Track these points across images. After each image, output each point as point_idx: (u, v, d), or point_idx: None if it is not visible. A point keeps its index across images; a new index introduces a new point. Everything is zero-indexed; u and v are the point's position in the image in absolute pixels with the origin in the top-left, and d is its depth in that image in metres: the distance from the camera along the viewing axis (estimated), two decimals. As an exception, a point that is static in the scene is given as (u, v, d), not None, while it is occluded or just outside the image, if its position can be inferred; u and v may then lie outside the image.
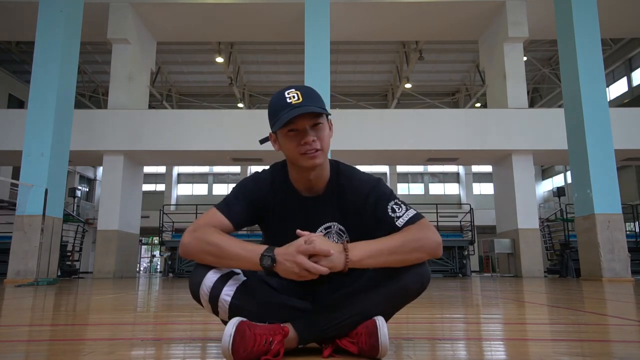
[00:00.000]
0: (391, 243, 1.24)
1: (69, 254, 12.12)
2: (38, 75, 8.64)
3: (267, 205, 1.40)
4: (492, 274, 12.82)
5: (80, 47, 9.56)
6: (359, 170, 1.44)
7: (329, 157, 1.46)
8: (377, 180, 1.40)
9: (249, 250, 1.22)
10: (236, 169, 27.39)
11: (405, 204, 1.35)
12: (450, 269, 12.05)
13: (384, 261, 1.23)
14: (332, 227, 1.41)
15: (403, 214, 1.31)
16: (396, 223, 1.30)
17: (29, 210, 7.89)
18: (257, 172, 1.45)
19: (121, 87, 12.03)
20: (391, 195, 1.36)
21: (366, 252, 1.22)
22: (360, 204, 1.37)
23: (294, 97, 1.28)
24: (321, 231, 1.40)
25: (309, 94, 1.31)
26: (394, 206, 1.33)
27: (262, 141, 1.42)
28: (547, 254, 12.69)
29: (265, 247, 1.22)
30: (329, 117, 1.38)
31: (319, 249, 1.17)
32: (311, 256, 1.18)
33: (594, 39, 8.93)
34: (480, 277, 11.83)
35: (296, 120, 1.27)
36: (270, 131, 1.36)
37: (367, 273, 1.35)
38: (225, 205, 1.37)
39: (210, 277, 1.26)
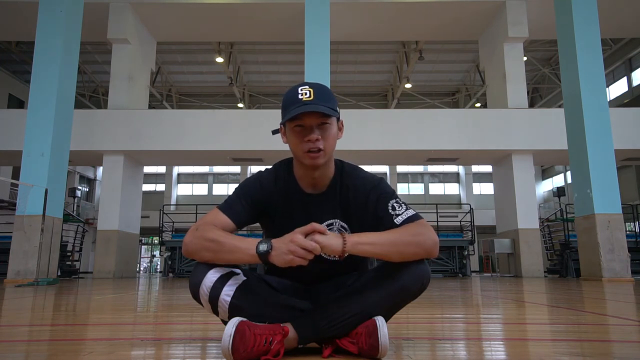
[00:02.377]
0: (389, 235, 1.27)
1: (69, 254, 12.11)
2: (38, 75, 8.64)
3: (269, 203, 1.42)
4: (492, 274, 12.81)
5: (80, 47, 9.56)
6: (362, 170, 1.47)
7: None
8: (379, 180, 1.43)
9: (246, 241, 1.24)
10: (236, 169, 27.38)
11: (405, 204, 1.37)
12: (450, 269, 12.05)
13: (380, 251, 1.24)
14: (334, 224, 1.43)
15: (402, 213, 1.33)
16: (395, 220, 1.32)
17: (29, 210, 7.89)
18: (260, 172, 1.47)
19: (121, 87, 12.02)
20: (393, 194, 1.38)
21: (363, 238, 1.24)
22: (362, 201, 1.40)
23: (305, 94, 1.31)
24: None
25: (321, 93, 1.33)
26: (394, 204, 1.35)
27: (274, 132, 1.46)
28: (547, 254, 12.68)
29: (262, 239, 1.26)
30: (340, 118, 1.40)
31: (315, 226, 1.21)
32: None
33: (594, 39, 8.92)
34: (480, 277, 11.82)
35: (303, 116, 1.30)
36: (280, 123, 1.40)
37: (367, 273, 1.36)
38: (227, 205, 1.39)
39: (210, 277, 1.27)
